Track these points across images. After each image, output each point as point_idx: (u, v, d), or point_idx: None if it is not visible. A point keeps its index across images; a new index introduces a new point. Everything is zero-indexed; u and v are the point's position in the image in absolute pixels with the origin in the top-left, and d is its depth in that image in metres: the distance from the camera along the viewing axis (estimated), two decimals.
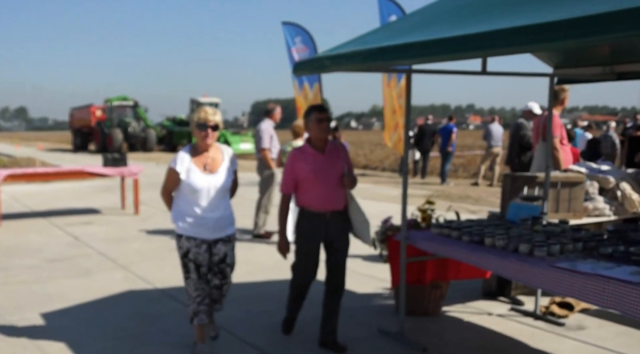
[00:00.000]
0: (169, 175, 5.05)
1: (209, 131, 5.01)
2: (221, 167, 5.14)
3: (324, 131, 5.24)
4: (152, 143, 41.17)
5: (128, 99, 42.80)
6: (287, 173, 5.31)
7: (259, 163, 10.42)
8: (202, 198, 5.03)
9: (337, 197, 5.33)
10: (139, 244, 10.05)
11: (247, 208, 13.62)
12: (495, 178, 19.41)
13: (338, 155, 5.36)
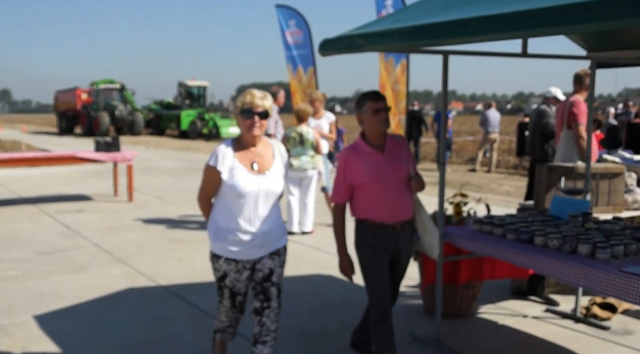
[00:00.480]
0: (207, 175, 3.95)
1: (255, 120, 3.88)
2: (273, 167, 4.01)
3: (382, 123, 4.22)
4: (139, 127, 40.22)
5: (115, 82, 41.77)
6: (340, 178, 4.31)
7: None
8: (249, 206, 3.90)
9: (406, 205, 4.35)
10: (136, 235, 9.38)
11: None
12: (492, 164, 18.87)
13: (401, 152, 4.37)
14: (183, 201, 12.46)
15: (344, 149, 4.38)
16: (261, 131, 3.93)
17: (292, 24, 20.12)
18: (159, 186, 14.69)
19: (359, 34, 4.62)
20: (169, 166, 19.62)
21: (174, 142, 33.14)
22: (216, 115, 38.28)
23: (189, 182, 15.43)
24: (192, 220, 10.49)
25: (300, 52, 19.95)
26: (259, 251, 4.01)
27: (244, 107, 3.90)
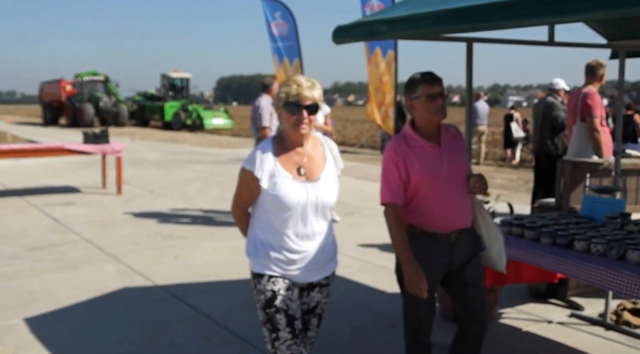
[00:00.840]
0: (243, 180, 3.12)
1: (304, 115, 3.01)
2: (324, 171, 3.15)
3: (438, 112, 3.41)
4: (123, 118, 39.43)
5: (99, 74, 40.93)
6: (393, 172, 3.43)
7: (257, 142, 9.23)
8: (296, 220, 3.07)
9: (465, 210, 3.53)
10: (127, 230, 8.80)
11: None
12: (481, 156, 18.40)
13: (459, 146, 3.59)
14: (174, 194, 11.87)
15: (392, 139, 3.58)
16: (310, 128, 3.08)
17: (278, 16, 19.53)
18: (147, 179, 14.08)
19: (380, 20, 4.10)
20: (156, 157, 18.98)
21: (159, 134, 32.42)
22: (199, 106, 37.70)
23: (177, 174, 14.84)
24: (184, 214, 9.93)
25: (286, 44, 19.38)
26: (307, 274, 3.16)
27: (289, 100, 3.03)
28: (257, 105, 9.09)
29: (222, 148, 23.00)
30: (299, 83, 3.04)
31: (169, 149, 22.56)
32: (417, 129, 3.50)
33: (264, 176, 3.04)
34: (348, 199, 10.99)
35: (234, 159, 18.37)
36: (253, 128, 9.28)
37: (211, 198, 11.40)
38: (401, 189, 3.42)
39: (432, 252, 3.46)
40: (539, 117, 9.58)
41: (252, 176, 3.04)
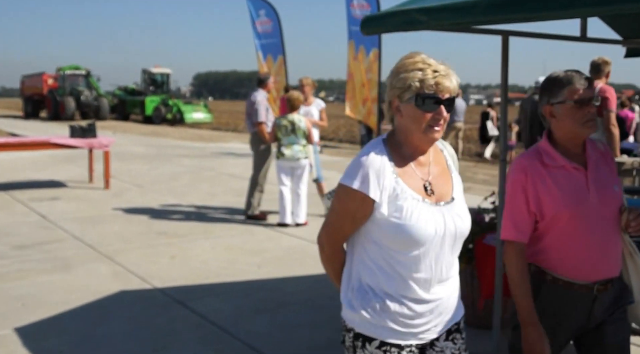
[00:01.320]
0: (346, 206, 2.12)
1: (442, 113, 2.07)
2: (455, 188, 2.24)
3: (588, 123, 2.51)
4: (104, 112, 38.43)
5: (80, 68, 39.88)
6: (518, 200, 2.55)
7: (252, 138, 8.65)
8: (428, 259, 2.10)
9: (614, 254, 2.59)
10: (118, 226, 8.17)
11: (226, 182, 11.82)
12: (459, 152, 17.96)
13: (610, 169, 2.66)
14: (163, 189, 11.22)
15: (520, 156, 2.64)
16: (442, 131, 2.11)
17: (262, 14, 18.92)
18: (135, 173, 13.39)
19: (420, 9, 3.54)
20: (140, 151, 18.25)
21: (140, 128, 31.55)
22: (180, 101, 36.96)
23: (165, 168, 14.15)
24: (176, 210, 9.31)
25: (270, 41, 18.78)
26: (436, 327, 2.19)
27: (423, 91, 2.04)
28: (253, 100, 8.51)
29: (206, 142, 22.30)
30: (436, 68, 2.05)
31: (153, 142, 21.81)
32: (556, 144, 2.58)
33: (384, 197, 2.06)
34: None
35: (220, 153, 17.74)
36: (248, 123, 8.70)
37: (202, 193, 10.78)
38: (529, 223, 2.55)
39: (565, 308, 2.55)
40: (528, 116, 9.17)
41: (364, 198, 2.05)
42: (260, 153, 8.56)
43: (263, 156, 8.56)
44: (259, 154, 8.57)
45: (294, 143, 8.04)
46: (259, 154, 8.58)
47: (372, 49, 15.56)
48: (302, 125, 8.04)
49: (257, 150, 8.59)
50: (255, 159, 8.64)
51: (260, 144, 8.53)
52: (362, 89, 15.77)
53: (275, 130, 8.11)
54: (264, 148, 8.53)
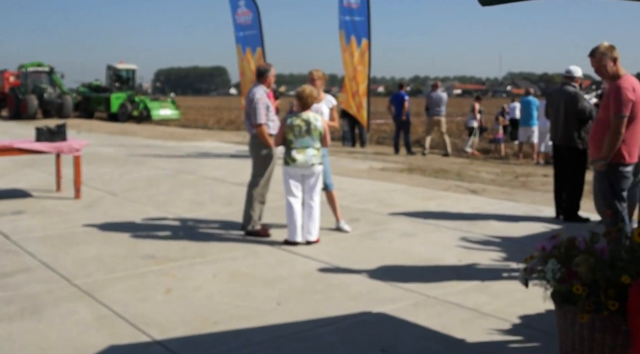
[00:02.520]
0: None
1: None
2: None
3: None
4: (68, 110, 36.41)
5: (43, 65, 37.77)
6: None
7: (252, 141, 7.29)
8: None
9: None
10: (96, 248, 6.74)
11: (212, 188, 10.35)
12: (448, 147, 16.70)
13: None
14: (141, 197, 9.76)
15: None
16: None
17: (242, 5, 17.52)
18: (107, 178, 11.87)
19: None
20: (111, 152, 16.64)
21: (106, 126, 29.78)
22: (146, 97, 35.22)
23: (140, 172, 12.64)
24: (160, 225, 7.89)
25: (249, 33, 17.37)
26: None
27: None
28: (252, 97, 7.15)
29: (178, 141, 20.73)
30: None
31: (123, 142, 20.18)
32: None
33: None
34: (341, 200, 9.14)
35: (197, 153, 16.26)
36: (247, 124, 7.34)
37: (187, 202, 9.36)
38: None
39: None
40: (561, 108, 8.02)
41: None
42: (261, 158, 7.21)
43: (265, 162, 7.21)
44: (260, 159, 7.22)
45: (308, 146, 6.72)
46: (260, 159, 7.22)
47: (363, 39, 14.31)
48: (319, 125, 6.72)
49: (257, 155, 7.24)
50: (256, 165, 7.28)
51: (261, 148, 7.18)
52: (350, 83, 14.49)
53: (284, 131, 6.76)
54: (265, 153, 7.18)
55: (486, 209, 8.75)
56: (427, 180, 11.46)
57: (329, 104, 7.57)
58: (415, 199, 9.53)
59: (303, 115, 6.75)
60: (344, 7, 14.32)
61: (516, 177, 11.89)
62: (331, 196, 7.52)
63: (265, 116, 7.10)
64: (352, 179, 11.50)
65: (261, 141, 7.11)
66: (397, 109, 16.92)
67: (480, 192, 10.04)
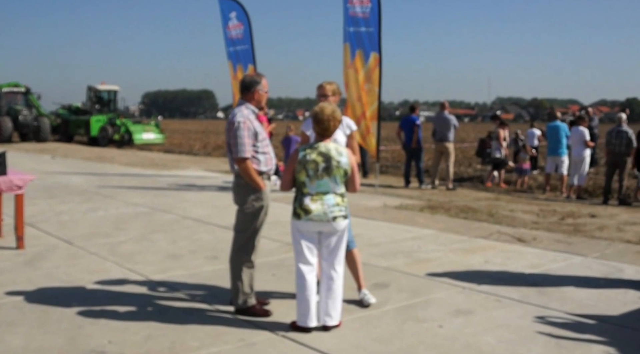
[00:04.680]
0: None
1: None
2: None
3: None
4: (45, 133, 34.18)
5: (19, 85, 35.55)
6: None
7: (235, 182, 5.24)
8: None
9: None
10: (22, 337, 4.64)
11: (192, 232, 7.99)
12: (450, 180, 14.51)
13: None
14: (103, 248, 7.63)
15: None
16: None
17: (234, 17, 15.51)
18: (66, 218, 9.71)
19: None
20: (79, 183, 14.46)
21: (84, 150, 27.61)
22: (128, 120, 33.04)
23: (108, 210, 10.48)
24: (121, 294, 5.81)
25: (241, 48, 15.39)
26: None
27: None
28: (232, 120, 5.11)
29: (159, 169, 18.59)
30: None
31: (97, 170, 18.03)
32: None
33: None
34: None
35: (178, 185, 14.12)
36: (229, 157, 5.30)
37: (159, 255, 7.26)
38: None
39: None
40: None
41: None
42: (246, 207, 5.13)
43: (250, 213, 5.11)
44: (244, 208, 5.14)
45: (328, 192, 4.71)
46: (245, 208, 5.14)
47: (372, 53, 12.32)
48: (344, 161, 4.72)
49: (241, 201, 5.16)
50: (239, 216, 5.20)
51: (246, 192, 5.12)
52: (355, 104, 12.47)
53: (293, 168, 4.74)
54: (252, 199, 5.11)
55: (550, 268, 6.73)
56: (456, 222, 9.44)
57: (346, 129, 5.56)
58: (452, 251, 7.50)
59: (321, 147, 4.73)
60: (350, 17, 12.35)
61: (562, 219, 9.87)
62: (352, 257, 5.48)
63: (249, 146, 5.05)
64: (366, 221, 9.44)
65: (247, 182, 5.08)
66: (407, 136, 14.88)
67: (530, 242, 8.01)
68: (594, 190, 14.11)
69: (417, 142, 14.69)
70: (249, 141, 5.03)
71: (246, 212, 5.10)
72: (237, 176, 5.19)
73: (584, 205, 12.04)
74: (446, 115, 14.84)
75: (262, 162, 5.14)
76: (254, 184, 5.06)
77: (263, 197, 5.11)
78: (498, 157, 15.45)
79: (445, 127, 14.65)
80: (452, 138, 14.79)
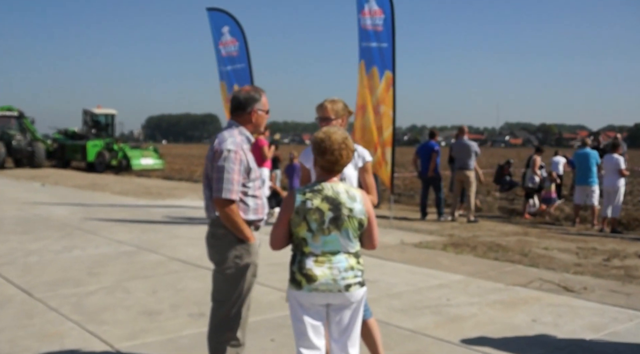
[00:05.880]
0: None
1: None
2: None
3: None
4: (40, 158, 33.11)
5: (13, 109, 34.60)
6: None
7: (213, 233, 3.99)
8: None
9: None
10: None
11: (178, 278, 6.65)
12: (471, 212, 13.11)
13: None
14: (67, 300, 6.37)
15: None
16: None
17: (226, 32, 14.32)
18: (34, 259, 8.48)
19: None
20: (62, 214, 13.25)
21: (78, 177, 26.46)
22: (126, 145, 31.99)
23: (86, 249, 9.22)
24: None
25: (236, 67, 14.26)
26: None
27: None
28: (220, 147, 3.91)
29: (153, 198, 17.38)
30: None
31: (85, 199, 16.84)
32: None
33: None
34: (373, 306, 5.85)
35: (170, 218, 12.86)
36: (205, 195, 4.07)
37: (134, 312, 6.01)
38: None
39: None
40: None
41: None
42: (228, 266, 3.88)
43: (235, 274, 3.88)
44: (227, 268, 3.89)
45: (339, 251, 3.47)
46: (225, 268, 3.89)
47: (386, 72, 11.16)
48: (358, 208, 3.48)
49: (221, 259, 3.91)
50: (218, 280, 3.94)
51: (229, 246, 3.88)
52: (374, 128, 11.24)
53: (288, 218, 3.49)
54: (237, 254, 3.88)
55: (616, 331, 5.47)
56: (486, 265, 8.19)
57: (358, 161, 4.37)
58: (488, 304, 6.25)
59: (327, 189, 3.49)
60: (363, 30, 11.17)
61: (607, 261, 8.60)
62: (368, 329, 4.24)
63: (240, 185, 3.85)
64: (382, 262, 8.20)
65: (228, 232, 3.88)
66: (423, 164, 13.65)
67: (581, 292, 6.75)
68: (629, 222, 12.84)
69: (434, 171, 13.45)
70: (238, 178, 3.81)
71: (227, 274, 3.87)
72: (214, 223, 3.95)
73: (624, 241, 10.79)
74: (466, 141, 13.55)
75: (250, 209, 3.91)
76: (238, 234, 3.84)
77: (250, 252, 3.89)
78: (531, 187, 14.26)
79: (466, 154, 13.35)
80: (473, 166, 13.47)
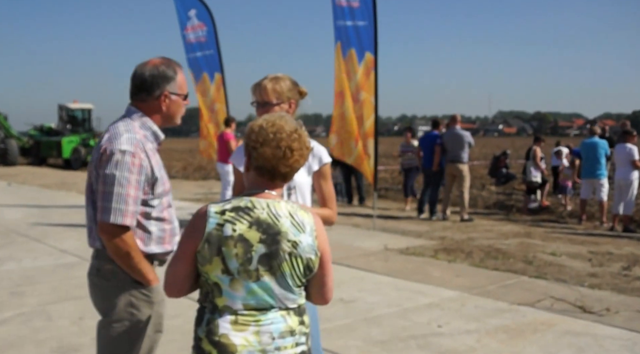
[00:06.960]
0: None
1: None
2: None
3: None
4: (13, 155, 31.90)
5: None
6: None
7: (98, 269, 2.76)
8: None
9: None
10: None
11: None
12: (464, 210, 12.02)
13: None
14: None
15: None
16: None
17: (193, 15, 13.13)
18: None
19: None
20: (13, 218, 12.03)
21: (49, 175, 25.24)
22: None
23: (22, 261, 8.02)
24: None
25: (204, 53, 13.09)
26: None
27: None
28: (110, 147, 2.71)
29: None
30: None
31: (46, 200, 15.64)
32: None
33: None
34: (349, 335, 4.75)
35: None
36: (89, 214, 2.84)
37: (46, 350, 4.86)
38: None
39: None
40: None
41: None
42: (117, 318, 2.74)
43: (127, 332, 2.74)
44: (114, 321, 2.75)
45: (272, 307, 2.26)
46: (113, 321, 2.75)
47: (366, 53, 10.00)
48: (307, 242, 2.27)
49: (108, 308, 2.77)
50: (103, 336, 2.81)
51: (120, 290, 2.73)
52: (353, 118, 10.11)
53: (193, 250, 2.28)
54: (131, 302, 2.73)
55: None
56: (485, 276, 7.08)
57: (313, 163, 3.21)
58: (489, 333, 5.13)
59: (259, 207, 2.27)
60: (338, 7, 9.97)
61: (627, 269, 7.47)
62: None
63: (137, 203, 2.69)
64: (361, 274, 7.08)
65: (123, 269, 2.72)
66: (426, 156, 12.42)
67: (603, 314, 5.63)
68: None
69: (440, 164, 12.23)
70: (135, 194, 2.66)
71: (117, 330, 2.74)
72: (99, 254, 2.81)
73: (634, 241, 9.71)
74: (458, 130, 12.26)
75: (153, 238, 2.77)
76: (134, 274, 2.70)
77: (152, 300, 2.75)
78: (534, 181, 13.18)
79: (458, 145, 12.10)
80: (467, 158, 12.26)
